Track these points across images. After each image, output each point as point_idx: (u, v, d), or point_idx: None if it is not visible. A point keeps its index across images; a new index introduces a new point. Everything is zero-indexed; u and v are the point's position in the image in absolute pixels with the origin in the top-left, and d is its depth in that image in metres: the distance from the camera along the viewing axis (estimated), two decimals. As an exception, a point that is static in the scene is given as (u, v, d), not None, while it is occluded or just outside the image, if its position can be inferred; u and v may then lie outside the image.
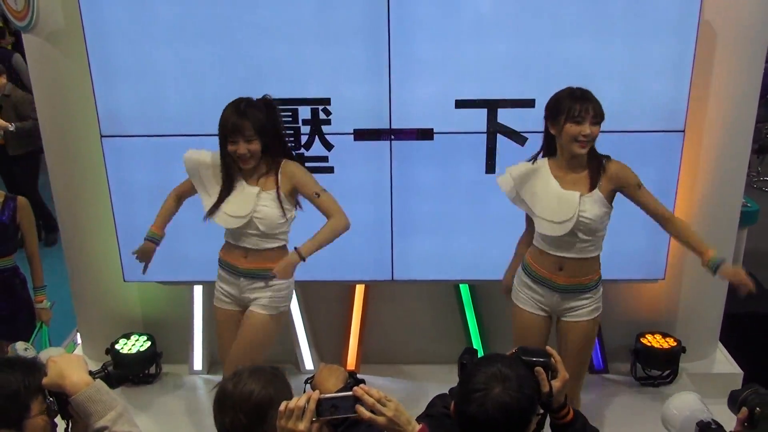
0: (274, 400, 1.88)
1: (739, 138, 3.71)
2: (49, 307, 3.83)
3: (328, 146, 3.59)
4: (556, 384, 2.05)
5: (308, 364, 4.10)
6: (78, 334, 4.25)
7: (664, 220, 3.06)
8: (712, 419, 2.14)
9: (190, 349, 4.11)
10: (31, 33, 3.56)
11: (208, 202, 3.13)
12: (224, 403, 1.91)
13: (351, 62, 3.43)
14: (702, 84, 3.49)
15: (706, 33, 3.39)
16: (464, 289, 4.02)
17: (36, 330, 3.81)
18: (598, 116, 2.87)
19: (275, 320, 3.25)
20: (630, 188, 3.01)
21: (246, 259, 3.17)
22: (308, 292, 3.99)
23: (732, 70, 3.55)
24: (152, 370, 4.06)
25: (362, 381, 2.27)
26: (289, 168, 3.12)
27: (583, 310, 3.11)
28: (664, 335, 4.00)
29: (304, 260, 3.08)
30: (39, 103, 3.74)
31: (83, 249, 3.95)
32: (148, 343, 4.02)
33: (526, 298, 3.15)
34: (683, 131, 3.45)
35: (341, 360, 4.13)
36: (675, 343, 3.94)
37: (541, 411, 2.02)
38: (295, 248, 3.08)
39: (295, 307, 3.99)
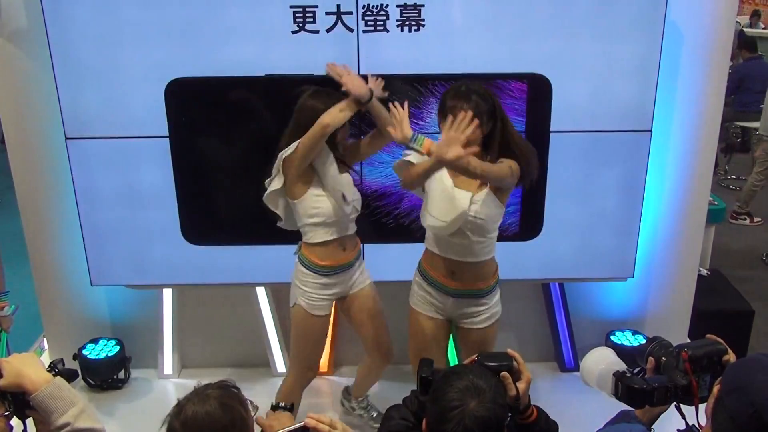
0: (229, 425, 1.79)
1: (706, 137, 3.75)
2: (11, 312, 3.74)
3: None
4: (521, 386, 2.08)
5: (280, 366, 4.06)
6: (45, 340, 4.17)
7: None
8: (627, 368, 2.20)
9: (159, 353, 4.06)
10: (-8, 32, 3.49)
11: None
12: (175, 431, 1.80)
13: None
14: (668, 84, 3.53)
15: (672, 33, 3.42)
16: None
17: (-5, 338, 3.71)
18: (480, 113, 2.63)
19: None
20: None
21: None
22: (279, 293, 3.95)
23: (698, 70, 3.59)
24: (121, 375, 4.00)
25: None
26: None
27: (479, 317, 2.98)
28: (634, 333, 4.04)
29: (366, 102, 2.84)
30: (1, 104, 3.66)
31: (49, 253, 3.87)
32: (117, 348, 3.96)
33: (422, 301, 3.02)
34: (650, 131, 3.49)
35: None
36: (644, 341, 3.98)
37: (509, 414, 2.03)
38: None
39: (266, 308, 3.96)
